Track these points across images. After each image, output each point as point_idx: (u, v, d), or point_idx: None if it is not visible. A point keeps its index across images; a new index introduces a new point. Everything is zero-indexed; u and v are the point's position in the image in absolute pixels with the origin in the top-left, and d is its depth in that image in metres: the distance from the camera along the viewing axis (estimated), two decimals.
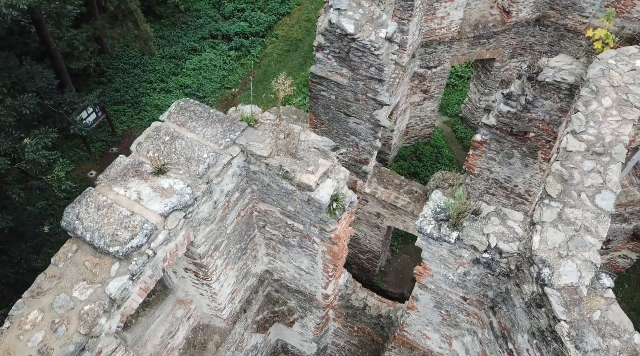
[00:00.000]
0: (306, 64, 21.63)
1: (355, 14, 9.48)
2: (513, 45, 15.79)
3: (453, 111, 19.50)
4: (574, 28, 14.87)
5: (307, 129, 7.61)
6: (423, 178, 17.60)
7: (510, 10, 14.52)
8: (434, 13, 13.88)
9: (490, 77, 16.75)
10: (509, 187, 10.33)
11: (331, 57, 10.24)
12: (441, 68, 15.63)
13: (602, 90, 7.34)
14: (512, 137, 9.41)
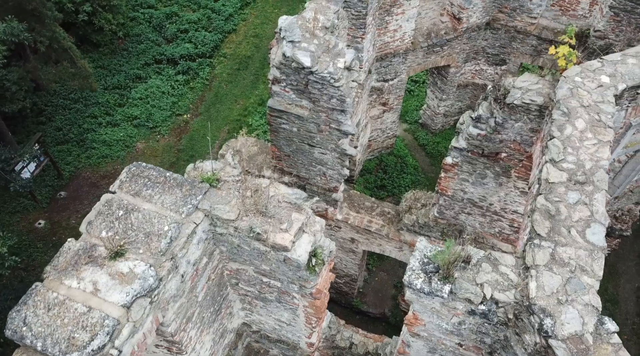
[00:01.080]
0: (258, 81, 20.96)
1: (310, 45, 8.95)
2: (466, 50, 15.71)
3: (412, 118, 19.34)
4: (524, 29, 14.93)
5: (275, 181, 7.04)
6: (391, 190, 17.34)
7: (461, 16, 14.41)
8: (386, 27, 13.56)
9: (447, 82, 16.64)
10: (484, 206, 10.12)
11: (289, 89, 9.69)
12: (398, 80, 15.36)
13: (573, 112, 7.13)
14: (484, 158, 9.16)
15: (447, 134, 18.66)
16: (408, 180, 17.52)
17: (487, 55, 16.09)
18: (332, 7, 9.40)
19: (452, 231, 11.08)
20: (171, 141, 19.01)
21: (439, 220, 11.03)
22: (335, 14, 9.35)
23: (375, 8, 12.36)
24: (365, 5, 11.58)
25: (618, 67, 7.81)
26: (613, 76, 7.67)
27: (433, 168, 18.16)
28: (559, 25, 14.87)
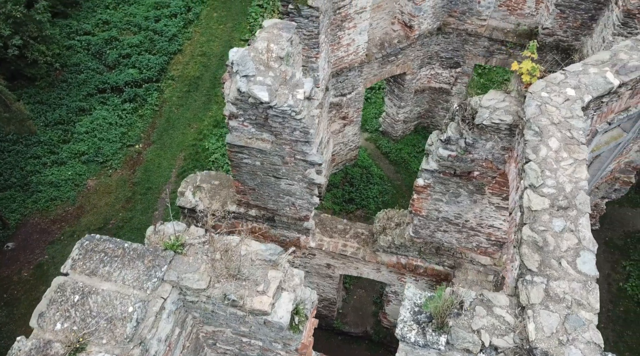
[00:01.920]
0: (210, 102, 20.18)
1: (267, 78, 8.43)
2: (420, 57, 15.58)
3: (372, 126, 19.10)
4: (475, 31, 14.92)
5: (246, 238, 6.49)
6: (359, 202, 17.04)
7: (412, 24, 14.22)
8: (339, 42, 13.19)
9: (404, 90, 16.47)
10: (460, 223, 9.91)
11: (248, 123, 9.14)
12: (356, 93, 15.04)
13: (545, 131, 6.95)
14: (456, 178, 8.93)
15: (408, 140, 18.54)
16: (375, 190, 17.26)
17: (441, 59, 16.01)
18: (285, 35, 8.91)
19: (429, 249, 10.84)
20: (125, 174, 17.99)
21: (415, 239, 10.76)
22: (288, 41, 8.87)
23: (326, 25, 11.96)
24: (317, 25, 11.15)
25: (581, 78, 7.71)
26: (578, 88, 7.56)
27: (398, 176, 18.00)
28: (508, 25, 14.95)
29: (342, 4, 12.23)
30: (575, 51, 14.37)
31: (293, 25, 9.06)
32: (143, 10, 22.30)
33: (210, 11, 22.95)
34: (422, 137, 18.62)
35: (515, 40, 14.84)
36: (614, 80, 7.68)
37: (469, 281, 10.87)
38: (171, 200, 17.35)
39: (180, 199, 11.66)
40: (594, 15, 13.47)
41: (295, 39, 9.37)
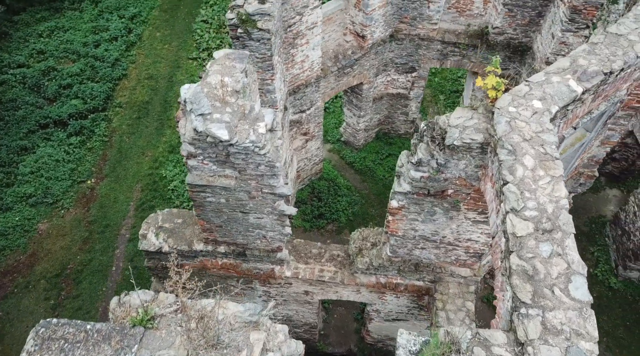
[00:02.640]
0: (163, 127, 19.31)
1: (224, 115, 7.92)
2: (376, 65, 15.37)
3: (334, 136, 18.80)
4: (427, 35, 14.84)
5: (222, 299, 5.98)
6: (329, 217, 16.70)
7: (365, 34, 13.97)
8: (293, 60, 12.77)
9: (362, 99, 16.23)
10: (438, 239, 9.72)
11: (208, 161, 8.59)
12: (315, 108, 14.67)
13: (518, 149, 6.79)
14: (430, 197, 8.70)
15: (371, 148, 18.34)
16: (344, 202, 16.97)
17: (397, 66, 15.88)
18: (238, 66, 8.41)
19: (408, 267, 10.61)
20: (79, 214, 16.93)
21: (393, 259, 10.50)
22: (242, 72, 8.38)
23: (279, 45, 11.51)
24: (269, 47, 10.69)
25: (545, 88, 7.61)
26: (544, 99, 7.46)
27: (365, 185, 17.77)
28: (459, 26, 14.95)
29: (293, 21, 11.81)
30: (527, 48, 14.54)
31: (246, 55, 8.57)
32: (80, 36, 21.12)
33: (153, 31, 22.00)
34: (384, 143, 18.49)
35: (467, 41, 14.87)
36: (577, 87, 7.63)
37: (451, 294, 10.71)
38: (131, 236, 16.49)
39: (143, 242, 10.93)
40: (541, 12, 13.64)
41: (250, 69, 8.89)
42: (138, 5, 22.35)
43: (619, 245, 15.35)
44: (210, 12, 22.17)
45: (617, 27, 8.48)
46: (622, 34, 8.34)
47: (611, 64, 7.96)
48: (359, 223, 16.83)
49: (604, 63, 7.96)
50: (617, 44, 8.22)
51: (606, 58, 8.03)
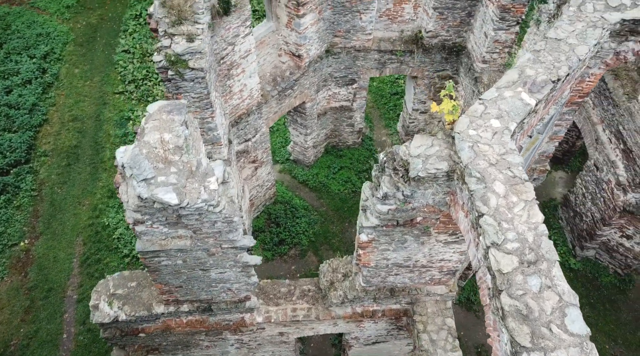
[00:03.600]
0: (97, 171, 17.94)
1: (170, 176, 7.18)
2: (316, 82, 14.95)
3: (282, 156, 18.22)
4: (363, 46, 14.58)
5: None
6: (290, 242, 16.15)
7: (300, 53, 13.49)
8: (231, 91, 12.08)
9: (307, 118, 15.77)
10: (411, 264, 9.44)
11: (158, 225, 7.82)
12: (260, 134, 14.05)
13: (487, 175, 6.56)
14: (400, 227, 8.38)
15: (322, 163, 17.94)
16: (303, 224, 16.46)
17: (336, 79, 15.53)
18: (177, 118, 7.67)
19: (383, 293, 10.28)
20: (15, 281, 15.37)
21: (368, 289, 10.14)
22: (182, 125, 7.65)
23: (214, 81, 10.80)
24: (205, 85, 9.97)
25: (500, 105, 7.46)
26: (501, 117, 7.30)
27: (322, 202, 17.35)
28: (393, 33, 14.81)
29: (225, 53, 11.13)
30: (462, 48, 14.62)
31: (183, 105, 7.84)
32: None
33: (71, 68, 20.42)
34: (334, 156, 18.14)
35: (403, 48, 14.76)
36: (531, 100, 7.54)
37: (430, 313, 10.50)
38: (80, 297, 15.20)
39: (95, 314, 9.94)
40: (470, 12, 13.73)
41: (190, 118, 8.16)
42: (49, 42, 20.64)
43: (573, 227, 15.86)
44: (131, 40, 20.88)
45: (556, 31, 8.50)
46: (562, 39, 8.36)
47: (557, 70, 7.95)
48: (321, 242, 16.41)
49: (550, 71, 7.93)
50: (559, 49, 8.23)
51: (551, 65, 8.01)
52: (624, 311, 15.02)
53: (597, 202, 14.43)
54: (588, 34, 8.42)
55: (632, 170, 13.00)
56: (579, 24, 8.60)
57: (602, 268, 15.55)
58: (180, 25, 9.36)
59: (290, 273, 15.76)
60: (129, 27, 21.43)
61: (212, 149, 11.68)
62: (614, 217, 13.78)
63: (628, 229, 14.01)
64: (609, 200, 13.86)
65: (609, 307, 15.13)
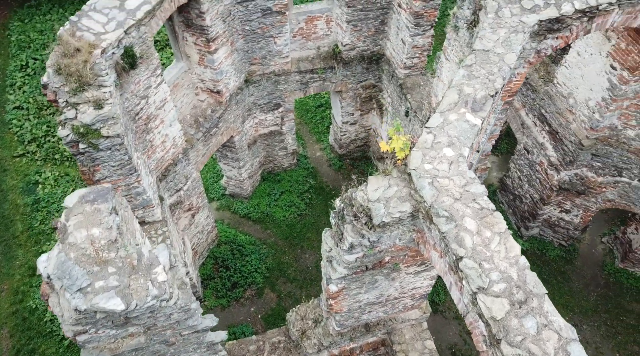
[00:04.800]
0: (11, 249, 15.92)
1: (109, 279, 6.21)
2: (240, 114, 14.15)
3: (217, 192, 17.23)
4: (282, 70, 13.99)
5: None
6: (244, 283, 15.27)
7: (219, 89, 12.65)
8: (153, 145, 11.02)
9: (237, 151, 14.94)
10: (383, 299, 9.05)
11: (104, 330, 6.79)
12: (191, 181, 13.04)
13: (454, 212, 6.27)
14: (369, 271, 7.94)
15: (261, 191, 17.17)
16: (254, 261, 15.64)
17: (261, 107, 14.84)
18: (104, 207, 6.68)
19: (359, 331, 9.84)
20: None
21: (342, 331, 9.64)
22: (112, 213, 6.67)
23: (133, 142, 9.73)
24: (124, 151, 8.91)
25: (448, 131, 7.22)
26: (452, 144, 7.05)
27: (269, 232, 16.61)
28: (310, 51, 14.36)
29: (139, 108, 10.08)
30: (381, 55, 14.48)
31: (108, 189, 6.85)
32: None
33: None
34: (272, 182, 17.44)
35: (323, 65, 14.35)
36: (476, 120, 7.36)
37: (408, 340, 10.23)
38: None
39: None
40: (383, 20, 13.60)
41: (118, 201, 7.16)
42: None
43: (515, 209, 16.38)
44: (22, 95, 18.76)
45: (481, 42, 8.42)
46: (489, 49, 8.29)
47: (493, 84, 7.85)
48: (276, 276, 15.70)
49: (486, 85, 7.82)
50: (490, 61, 8.14)
51: (486, 79, 7.90)
52: (574, 281, 15.76)
53: (534, 184, 14.96)
54: (512, 40, 8.42)
55: (560, 150, 13.54)
56: (501, 30, 8.58)
57: (547, 244, 16.21)
58: (84, 91, 8.24)
59: (251, 316, 14.93)
60: (16, 80, 19.24)
61: (144, 213, 10.60)
62: (552, 195, 14.32)
63: (565, 204, 14.65)
64: (545, 181, 14.39)
65: (560, 279, 15.81)
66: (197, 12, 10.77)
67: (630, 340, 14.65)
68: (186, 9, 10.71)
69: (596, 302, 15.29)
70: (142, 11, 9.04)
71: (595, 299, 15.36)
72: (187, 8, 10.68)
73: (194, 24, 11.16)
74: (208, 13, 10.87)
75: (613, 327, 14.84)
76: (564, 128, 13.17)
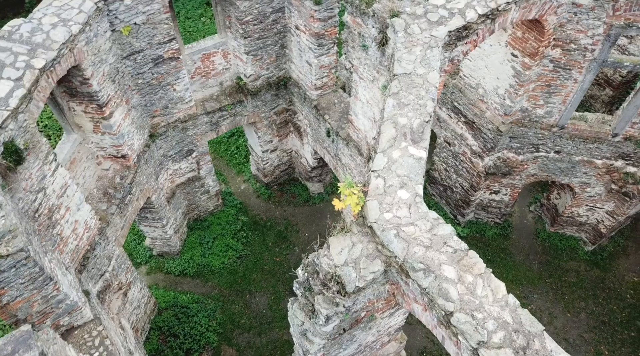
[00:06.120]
0: None
1: None
2: (152, 171, 12.86)
3: (144, 256, 15.69)
4: (188, 115, 12.92)
5: None
6: (198, 348, 14.07)
7: (124, 153, 11.32)
8: (63, 236, 9.52)
9: (158, 210, 13.60)
10: (361, 348, 8.55)
11: None
12: (115, 259, 11.61)
13: (430, 263, 5.88)
14: (347, 331, 7.37)
15: (191, 243, 15.94)
16: (203, 320, 14.47)
17: (172, 157, 13.63)
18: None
19: None
20: None
21: None
22: None
23: (39, 245, 8.28)
24: (33, 264, 7.51)
25: (396, 170, 6.82)
26: (404, 184, 6.66)
27: (211, 284, 15.47)
28: (213, 89, 13.41)
29: (37, 203, 8.59)
30: (288, 78, 13.90)
31: (29, 333, 5.59)
32: None
33: None
34: (201, 229, 16.25)
35: (230, 101, 13.47)
36: (420, 152, 7.04)
37: None
38: None
39: None
40: (283, 44, 13.03)
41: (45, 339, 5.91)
42: None
43: (447, 199, 16.71)
44: None
45: (400, 65, 8.11)
46: (411, 72, 8.01)
47: (425, 108, 7.58)
48: (231, 329, 14.66)
49: (419, 111, 7.53)
50: (414, 84, 7.87)
51: (417, 104, 7.62)
52: (515, 254, 16.45)
53: (462, 173, 15.29)
54: (430, 57, 8.22)
55: (480, 138, 13.89)
56: (415, 48, 8.34)
57: (484, 225, 16.75)
58: None
59: None
60: None
61: (71, 319, 9.16)
62: (480, 182, 14.72)
63: (494, 186, 15.15)
64: (472, 169, 14.75)
65: (503, 256, 16.42)
66: (81, 79, 9.44)
67: (575, 296, 15.59)
68: (67, 78, 9.33)
69: (539, 270, 16.08)
70: (16, 98, 7.62)
71: (537, 267, 16.15)
72: (68, 77, 9.30)
73: (79, 92, 9.79)
74: (93, 77, 9.57)
75: (559, 289, 15.70)
76: (480, 118, 13.51)
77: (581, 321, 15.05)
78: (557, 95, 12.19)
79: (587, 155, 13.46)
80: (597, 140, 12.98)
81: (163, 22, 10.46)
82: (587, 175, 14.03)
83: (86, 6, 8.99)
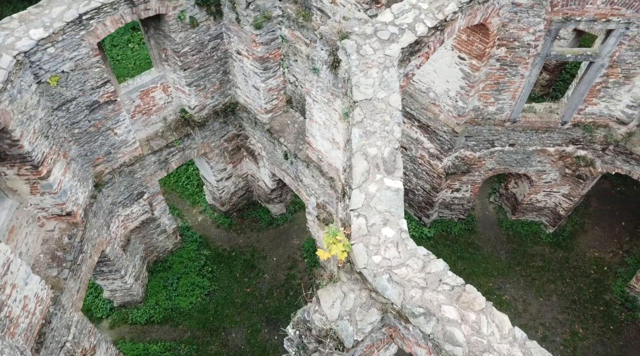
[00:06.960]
0: None
1: None
2: (103, 223, 11.89)
3: (104, 309, 14.57)
4: (134, 157, 12.04)
5: None
6: None
7: (69, 210, 10.36)
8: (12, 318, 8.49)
9: (114, 262, 12.59)
10: None
11: None
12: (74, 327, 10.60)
13: (429, 306, 5.59)
14: None
15: (154, 287, 14.98)
16: None
17: (122, 203, 12.68)
18: None
19: None
20: None
21: None
22: None
23: None
24: None
25: (376, 206, 6.48)
26: (387, 220, 6.33)
27: (182, 328, 14.62)
28: (157, 125, 12.58)
29: None
30: (235, 104, 13.29)
31: None
32: None
33: None
34: (163, 271, 15.33)
35: (177, 135, 12.69)
36: (395, 183, 6.75)
37: None
38: None
39: None
40: (225, 70, 12.43)
41: None
42: None
43: (411, 203, 16.67)
44: None
45: (359, 90, 7.76)
46: (371, 97, 7.68)
47: (392, 134, 7.30)
48: None
49: (387, 138, 7.24)
50: (377, 109, 7.55)
51: (384, 131, 7.31)
52: (482, 247, 16.67)
53: (422, 176, 15.26)
54: (387, 79, 7.93)
55: (436, 141, 13.88)
56: (371, 71, 8.03)
57: (449, 222, 16.85)
58: None
59: None
60: None
61: None
62: (441, 183, 14.74)
63: (455, 184, 15.23)
64: (431, 171, 14.74)
65: (472, 251, 16.59)
66: (10, 142, 8.46)
67: (545, 280, 16.00)
68: None
69: (507, 259, 16.37)
70: None
71: (505, 256, 16.44)
72: None
73: (9, 155, 8.79)
74: (24, 138, 8.60)
75: (528, 275, 16.05)
76: (434, 121, 13.48)
77: (553, 304, 15.45)
78: (507, 91, 12.32)
79: (540, 144, 13.77)
80: (548, 129, 13.28)
81: (94, 65, 9.59)
82: (542, 163, 14.36)
83: (4, 62, 8.02)
